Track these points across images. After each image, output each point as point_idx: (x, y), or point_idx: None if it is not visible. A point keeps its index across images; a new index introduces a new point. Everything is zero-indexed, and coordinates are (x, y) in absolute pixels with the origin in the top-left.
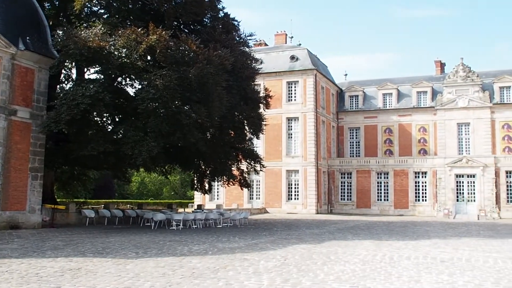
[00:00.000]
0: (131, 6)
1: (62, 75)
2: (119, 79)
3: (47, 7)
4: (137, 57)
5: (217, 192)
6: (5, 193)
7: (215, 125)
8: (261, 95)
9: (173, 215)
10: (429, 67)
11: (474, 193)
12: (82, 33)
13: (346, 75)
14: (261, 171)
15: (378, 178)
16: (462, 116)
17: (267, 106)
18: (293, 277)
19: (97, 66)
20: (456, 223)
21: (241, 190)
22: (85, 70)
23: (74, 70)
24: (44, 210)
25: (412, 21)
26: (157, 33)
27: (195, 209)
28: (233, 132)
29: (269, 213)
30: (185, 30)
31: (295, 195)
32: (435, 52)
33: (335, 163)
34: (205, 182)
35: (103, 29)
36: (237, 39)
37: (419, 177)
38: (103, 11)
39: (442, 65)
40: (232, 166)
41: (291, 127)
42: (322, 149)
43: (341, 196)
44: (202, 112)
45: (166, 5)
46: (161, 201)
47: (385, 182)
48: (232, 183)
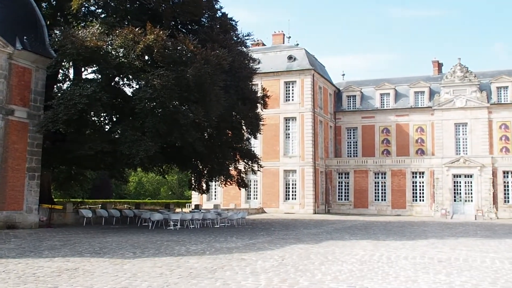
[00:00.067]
0: (128, 5)
1: (59, 75)
2: (117, 79)
3: (45, 7)
4: (135, 56)
5: (214, 192)
6: (2, 193)
7: (213, 125)
8: (259, 95)
9: (170, 215)
10: (427, 67)
11: (471, 193)
12: (79, 32)
13: (343, 75)
14: (258, 171)
15: (375, 178)
16: (459, 116)
17: (264, 106)
18: (290, 277)
19: (95, 65)
20: (453, 223)
21: (239, 190)
22: (83, 69)
23: (71, 70)
24: (41, 210)
25: (409, 21)
26: (155, 32)
27: (192, 209)
28: (230, 132)
29: (266, 213)
30: (183, 30)
31: (293, 195)
32: (433, 52)
33: (333, 163)
34: (203, 182)
35: (100, 28)
36: (235, 39)
37: (416, 177)
38: (100, 10)
39: (439, 65)
40: (229, 166)
41: (289, 127)
42: (319, 149)
43: (339, 196)
44: (199, 112)
45: (163, 5)
46: (159, 201)
47: (382, 182)
48: (229, 183)
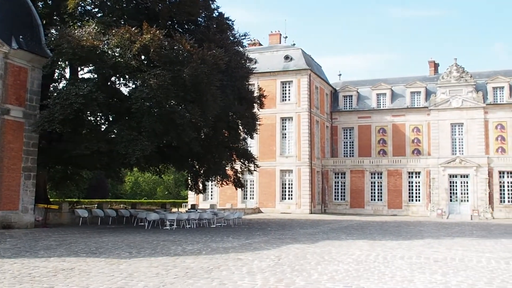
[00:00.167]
0: (125, 5)
1: (55, 74)
2: (113, 79)
3: (41, 6)
4: (131, 56)
5: (211, 192)
6: None
7: (209, 125)
8: (255, 95)
9: (166, 215)
10: (423, 67)
11: (467, 193)
12: (75, 32)
13: (340, 75)
14: (255, 171)
15: (371, 178)
16: (455, 116)
17: (261, 106)
18: (287, 277)
19: (91, 65)
20: (449, 223)
21: (235, 190)
22: (79, 69)
23: (67, 69)
24: (37, 209)
25: (406, 22)
26: (151, 32)
27: (188, 209)
28: (227, 132)
29: (263, 213)
30: (179, 29)
31: (289, 195)
32: (429, 52)
33: (329, 163)
34: (199, 181)
35: (96, 28)
36: (232, 38)
37: (412, 177)
38: (96, 10)
39: (436, 66)
40: (226, 166)
41: (285, 127)
42: (316, 149)
43: (335, 196)
44: (196, 111)
45: (160, 5)
46: (155, 200)
47: (378, 182)
48: (226, 183)
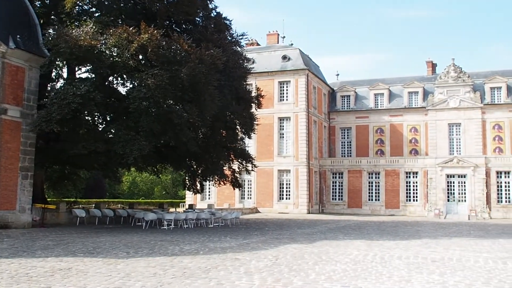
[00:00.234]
0: (122, 5)
1: (53, 74)
2: (111, 78)
3: (38, 6)
4: (129, 56)
5: (208, 191)
6: None
7: (207, 125)
8: (253, 94)
9: (164, 215)
10: (421, 67)
11: (464, 193)
12: (73, 32)
13: (338, 75)
14: (252, 171)
15: (369, 178)
16: (453, 116)
17: (259, 105)
18: (284, 277)
19: (88, 65)
20: (446, 223)
21: (233, 190)
22: (76, 69)
23: (65, 69)
24: (34, 209)
25: (403, 22)
26: (149, 32)
27: (186, 209)
28: (225, 131)
29: (260, 212)
30: (177, 29)
31: (287, 195)
32: (427, 52)
33: (327, 163)
34: (197, 181)
35: (94, 28)
36: (229, 38)
37: (410, 177)
38: (94, 9)
39: (433, 66)
40: (223, 165)
41: (283, 127)
42: (313, 149)
43: (333, 196)
44: (194, 111)
45: (158, 4)
46: (152, 200)
47: (376, 182)
48: (223, 182)
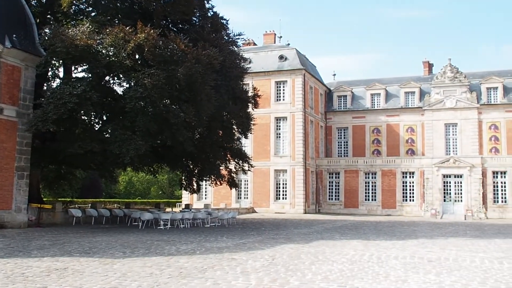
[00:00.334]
0: (119, 4)
1: (49, 74)
2: (107, 78)
3: (34, 5)
4: (125, 55)
5: (205, 191)
6: None
7: (204, 125)
8: (250, 94)
9: (160, 215)
10: (417, 67)
11: (461, 193)
12: (69, 31)
13: (334, 75)
14: (249, 170)
15: (366, 178)
16: (449, 116)
17: (255, 105)
18: (281, 276)
19: (85, 64)
20: (443, 223)
21: (229, 189)
22: (73, 68)
23: (61, 68)
24: (30, 209)
25: (400, 22)
26: (146, 31)
27: (183, 209)
28: (221, 131)
29: (257, 212)
30: (174, 29)
31: (283, 195)
32: (423, 52)
33: (323, 163)
34: (194, 181)
35: (90, 27)
36: (226, 38)
37: (406, 177)
38: (90, 9)
39: (430, 66)
40: (220, 165)
41: (280, 126)
42: (310, 149)
43: (329, 196)
44: (190, 111)
45: (154, 4)
46: (149, 200)
47: (373, 182)
48: (220, 182)
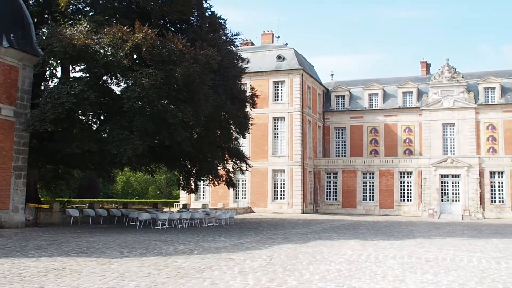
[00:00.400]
0: (117, 4)
1: (46, 73)
2: (105, 78)
3: (32, 4)
4: (123, 55)
5: (203, 191)
6: None
7: (201, 124)
8: (248, 94)
9: (158, 215)
10: (415, 67)
11: (458, 193)
12: (67, 31)
13: (332, 75)
14: (247, 170)
15: (363, 178)
16: (447, 116)
17: (253, 105)
18: (278, 276)
19: (82, 64)
20: (440, 223)
21: (227, 189)
22: (70, 68)
23: (59, 68)
24: (27, 209)
25: (398, 22)
26: (143, 31)
27: (180, 209)
28: (219, 131)
29: (255, 212)
30: (172, 28)
31: (281, 195)
32: (421, 53)
33: (321, 163)
34: (191, 181)
35: (88, 27)
36: (224, 38)
37: (404, 177)
38: (88, 8)
39: (427, 66)
40: (218, 165)
41: (277, 126)
42: (308, 149)
43: (327, 196)
44: (188, 111)
45: (152, 3)
46: (147, 200)
47: (370, 182)
48: (218, 182)
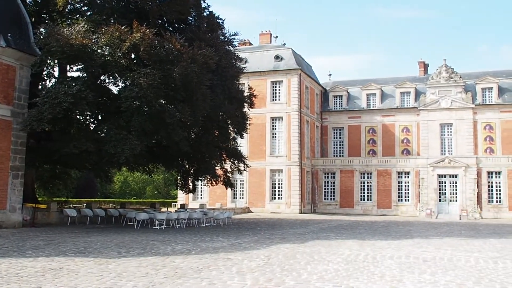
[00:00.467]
0: (114, 3)
1: (44, 73)
2: (102, 78)
3: (29, 4)
4: (121, 55)
5: (200, 191)
6: None
7: (199, 124)
8: (246, 94)
9: (156, 215)
10: (413, 68)
11: (456, 193)
12: (64, 30)
13: (330, 75)
14: (244, 170)
15: (361, 178)
16: (444, 116)
17: (251, 105)
18: (276, 276)
19: (80, 64)
20: (438, 223)
21: (225, 189)
22: (68, 68)
23: (56, 68)
24: (25, 209)
25: (396, 22)
26: (141, 31)
27: (178, 209)
28: (217, 131)
29: (252, 212)
30: (170, 28)
31: (279, 195)
32: (419, 53)
33: (319, 163)
34: (189, 181)
35: (86, 26)
36: (222, 38)
37: (402, 177)
38: (86, 8)
39: (425, 66)
40: (216, 165)
41: (275, 126)
42: (306, 149)
43: (325, 195)
44: (186, 111)
45: (150, 3)
46: (144, 200)
47: (368, 182)
48: (215, 182)
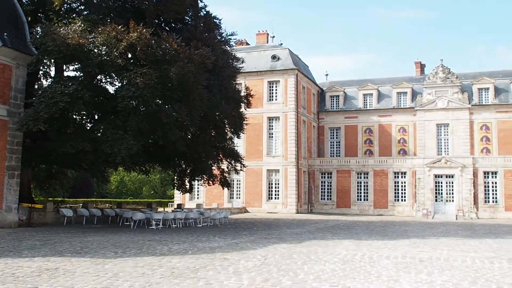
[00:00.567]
0: (111, 3)
1: (40, 72)
2: (99, 77)
3: (26, 3)
4: (117, 54)
5: (197, 191)
6: None
7: (196, 124)
8: (242, 94)
9: (152, 215)
10: (409, 68)
11: (452, 193)
12: (61, 30)
13: (327, 75)
14: (241, 170)
15: (358, 178)
16: (441, 117)
17: (248, 105)
18: (273, 276)
19: (76, 63)
20: (434, 223)
21: (222, 189)
22: (64, 67)
23: (52, 67)
24: (21, 209)
25: (393, 22)
26: (138, 30)
27: (175, 209)
28: (214, 131)
29: (249, 212)
30: (166, 28)
31: (276, 195)
32: (416, 53)
33: (316, 163)
34: (186, 181)
35: (82, 26)
36: (219, 38)
37: (398, 177)
38: (82, 7)
39: (422, 66)
40: (212, 165)
41: (272, 126)
42: (302, 149)
43: (321, 195)
44: (182, 111)
45: (147, 3)
46: (141, 200)
47: (365, 182)
48: (212, 182)
